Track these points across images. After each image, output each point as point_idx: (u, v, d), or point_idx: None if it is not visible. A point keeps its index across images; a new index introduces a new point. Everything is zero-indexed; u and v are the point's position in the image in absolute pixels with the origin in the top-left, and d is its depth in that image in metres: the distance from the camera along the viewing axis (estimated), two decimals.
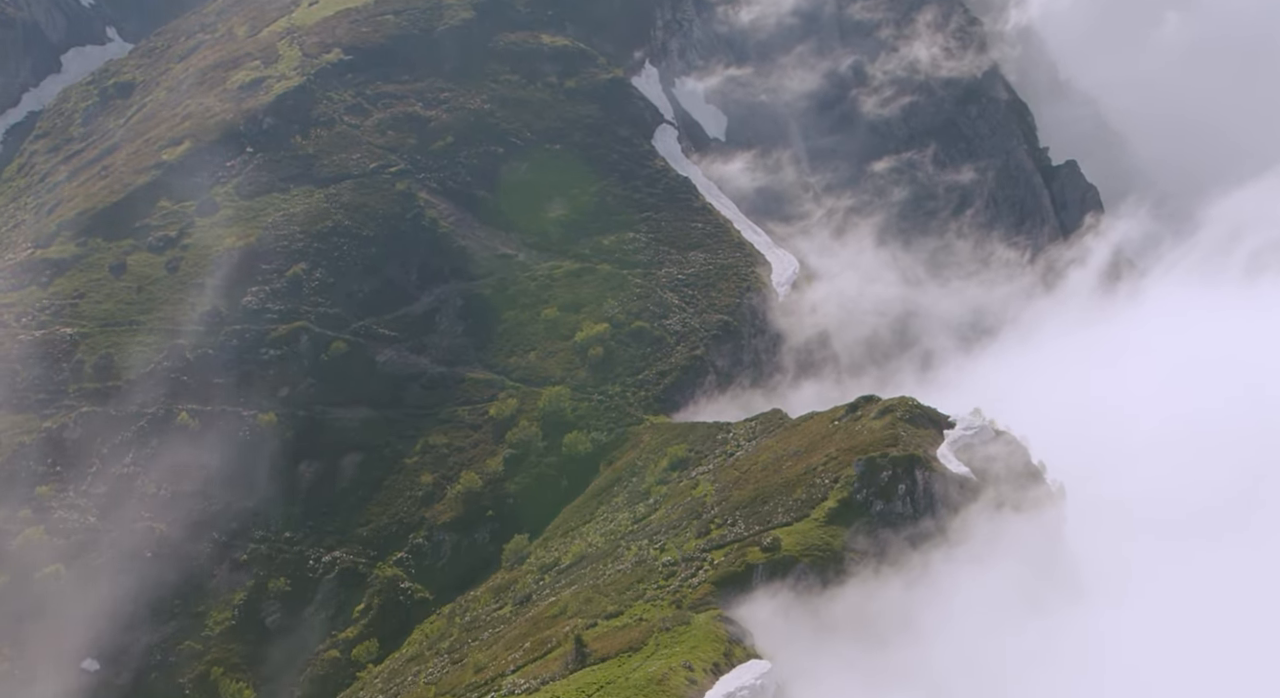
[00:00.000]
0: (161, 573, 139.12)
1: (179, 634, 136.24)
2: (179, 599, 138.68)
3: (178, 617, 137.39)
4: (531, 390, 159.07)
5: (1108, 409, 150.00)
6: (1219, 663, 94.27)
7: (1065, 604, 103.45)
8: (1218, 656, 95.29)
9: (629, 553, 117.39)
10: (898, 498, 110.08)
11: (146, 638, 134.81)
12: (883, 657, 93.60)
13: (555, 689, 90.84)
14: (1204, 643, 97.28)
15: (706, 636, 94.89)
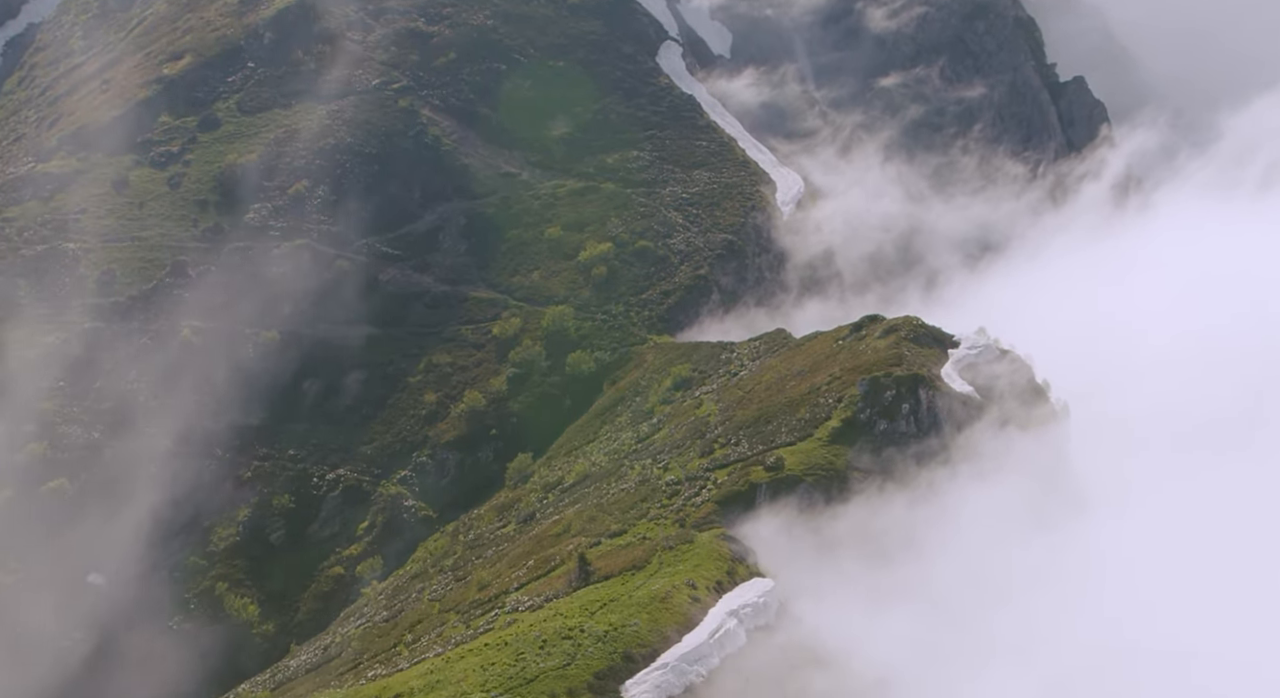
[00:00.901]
0: (166, 489, 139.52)
1: (183, 550, 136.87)
2: (183, 515, 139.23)
3: (182, 533, 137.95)
4: (535, 310, 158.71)
5: (1115, 326, 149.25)
6: (1220, 577, 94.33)
7: (1069, 520, 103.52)
8: (1220, 569, 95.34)
9: (632, 472, 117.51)
10: (901, 417, 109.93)
11: (151, 553, 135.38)
12: (886, 573, 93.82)
13: (559, 607, 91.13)
14: (1206, 557, 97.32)
15: (710, 554, 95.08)
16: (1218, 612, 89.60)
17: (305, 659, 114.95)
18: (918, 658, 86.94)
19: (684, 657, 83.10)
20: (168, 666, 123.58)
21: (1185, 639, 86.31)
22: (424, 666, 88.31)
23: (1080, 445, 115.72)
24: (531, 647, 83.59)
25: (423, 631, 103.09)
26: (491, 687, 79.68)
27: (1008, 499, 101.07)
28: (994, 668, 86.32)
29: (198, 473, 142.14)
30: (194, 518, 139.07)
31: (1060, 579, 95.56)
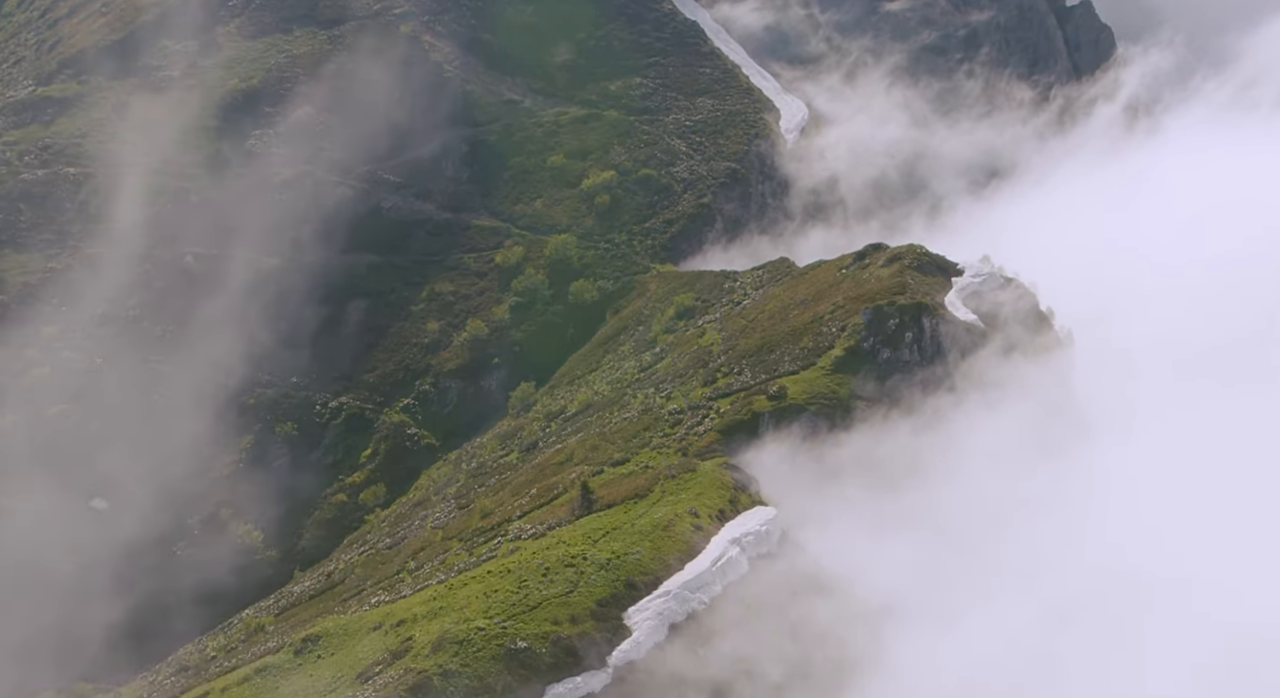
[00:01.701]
0: (169, 416, 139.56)
1: (187, 476, 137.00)
2: (187, 442, 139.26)
3: (186, 459, 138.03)
4: (538, 238, 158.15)
5: (1122, 252, 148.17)
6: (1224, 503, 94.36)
7: (1073, 446, 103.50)
8: (1223, 495, 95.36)
9: (635, 401, 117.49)
10: (905, 346, 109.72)
11: (154, 479, 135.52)
12: (890, 501, 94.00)
13: (561, 535, 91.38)
14: (1210, 483, 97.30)
15: (712, 483, 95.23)
16: (1221, 538, 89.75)
17: (308, 586, 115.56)
18: (921, 584, 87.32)
19: (686, 585, 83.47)
20: (171, 591, 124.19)
21: (1188, 565, 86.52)
22: (427, 592, 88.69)
23: (1085, 373, 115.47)
24: (534, 574, 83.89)
25: (425, 558, 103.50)
26: (494, 614, 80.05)
27: (1012, 426, 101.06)
28: (997, 594, 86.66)
29: (200, 400, 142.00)
30: (197, 444, 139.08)
31: (1064, 506, 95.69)
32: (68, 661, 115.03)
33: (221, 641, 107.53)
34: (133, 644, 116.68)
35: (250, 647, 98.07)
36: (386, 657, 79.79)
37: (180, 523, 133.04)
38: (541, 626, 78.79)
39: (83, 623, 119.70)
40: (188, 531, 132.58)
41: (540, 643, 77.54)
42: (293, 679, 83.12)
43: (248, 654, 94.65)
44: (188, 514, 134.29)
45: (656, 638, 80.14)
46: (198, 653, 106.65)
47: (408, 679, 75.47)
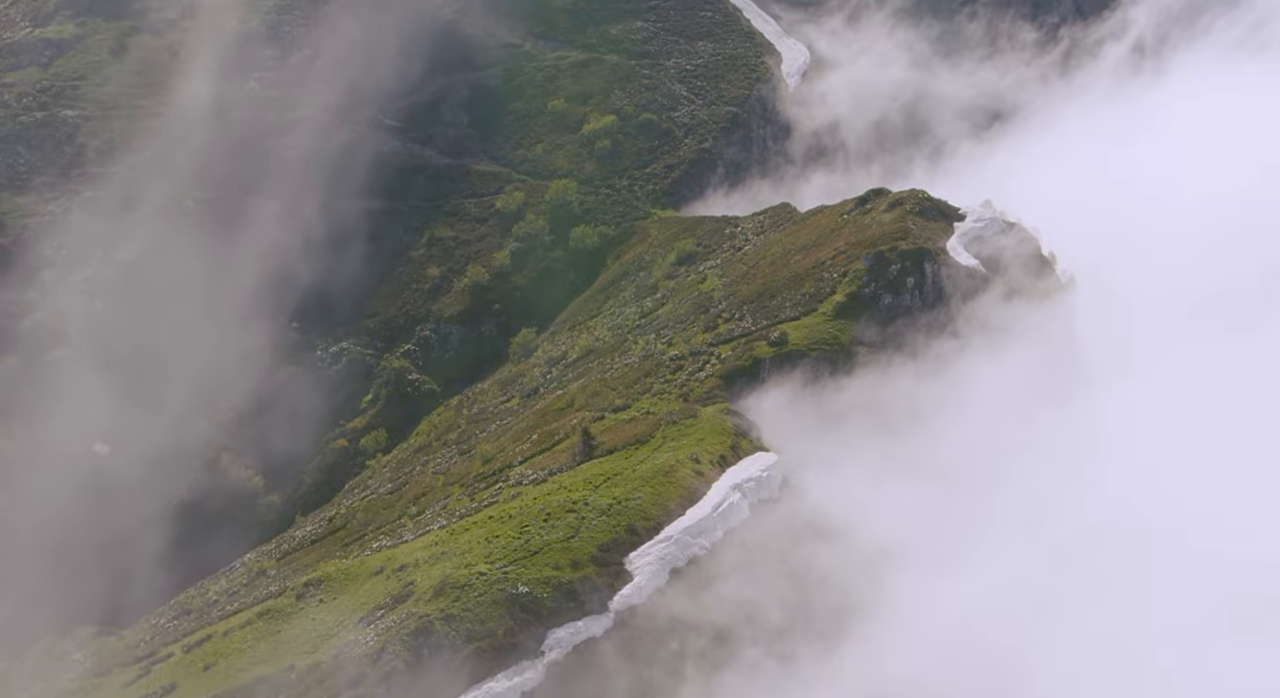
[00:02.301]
0: (171, 361, 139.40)
1: (188, 421, 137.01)
2: (189, 385, 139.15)
3: (187, 403, 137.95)
4: (538, 183, 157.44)
5: (1127, 195, 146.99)
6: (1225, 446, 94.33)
7: (1076, 391, 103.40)
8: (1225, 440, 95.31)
9: (636, 347, 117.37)
10: (906, 291, 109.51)
11: (156, 422, 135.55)
12: (891, 446, 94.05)
13: (563, 480, 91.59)
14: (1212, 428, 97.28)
15: (713, 429, 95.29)
16: (1222, 480, 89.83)
17: (310, 531, 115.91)
18: (923, 528, 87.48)
19: (687, 530, 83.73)
20: (172, 535, 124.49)
21: (1189, 507, 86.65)
22: (428, 538, 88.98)
23: (1088, 317, 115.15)
24: (535, 520, 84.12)
25: (427, 503, 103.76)
26: (496, 559, 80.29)
27: (1014, 371, 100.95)
28: (999, 537, 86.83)
29: (202, 344, 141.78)
30: (198, 388, 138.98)
31: (1066, 449, 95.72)
32: (69, 604, 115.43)
33: (223, 584, 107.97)
34: (135, 588, 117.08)
35: (252, 591, 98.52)
36: (388, 601, 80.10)
37: (181, 468, 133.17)
38: (543, 571, 79.06)
39: (84, 567, 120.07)
40: (189, 475, 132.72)
41: (542, 588, 77.82)
42: (295, 623, 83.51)
43: (250, 598, 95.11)
44: (189, 459, 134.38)
45: (657, 583, 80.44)
46: (200, 597, 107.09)
47: (409, 624, 75.78)
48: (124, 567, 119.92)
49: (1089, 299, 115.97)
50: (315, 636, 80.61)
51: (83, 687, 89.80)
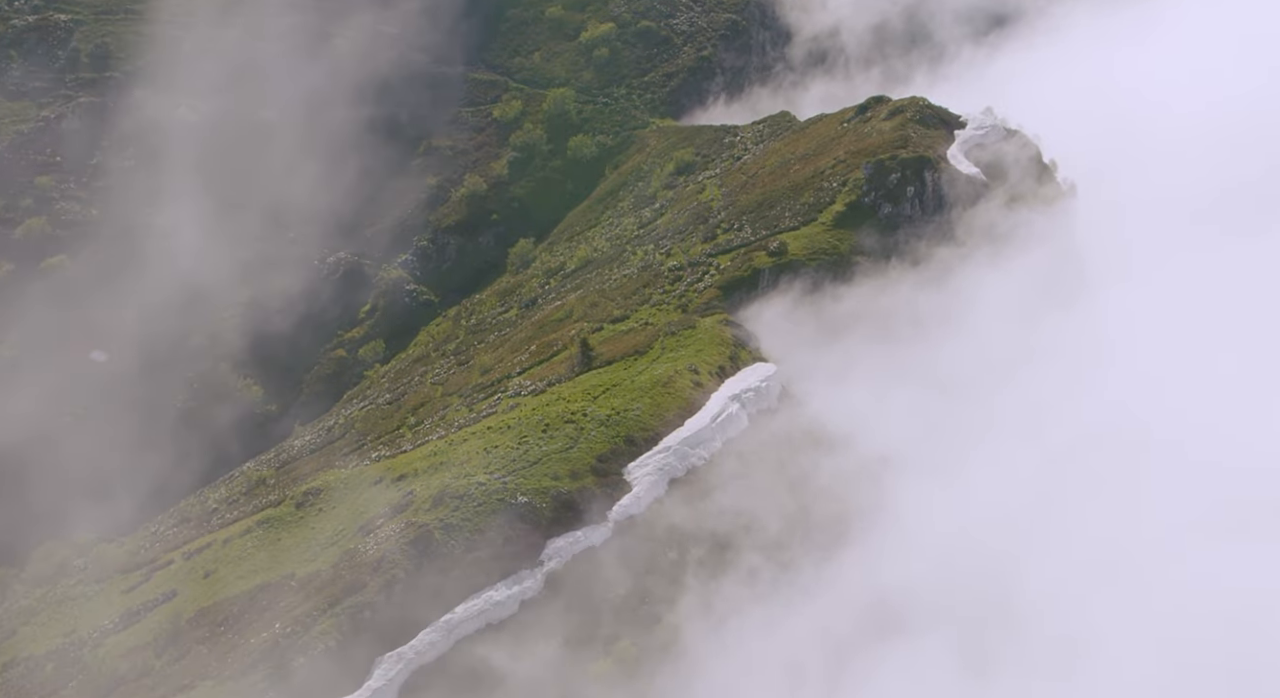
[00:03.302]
0: (167, 268, 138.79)
1: (186, 329, 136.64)
2: (185, 295, 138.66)
3: (184, 312, 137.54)
4: (536, 92, 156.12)
5: (1132, 99, 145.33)
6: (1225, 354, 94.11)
7: (1076, 298, 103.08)
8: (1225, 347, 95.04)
9: (635, 258, 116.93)
10: (906, 200, 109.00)
11: (153, 331, 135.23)
12: (891, 355, 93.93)
13: (561, 391, 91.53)
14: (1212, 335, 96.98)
15: (712, 339, 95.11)
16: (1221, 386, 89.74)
17: (309, 440, 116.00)
18: (921, 437, 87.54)
19: (686, 441, 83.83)
20: (171, 443, 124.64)
21: (1189, 413, 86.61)
22: (427, 448, 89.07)
23: (1090, 223, 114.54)
24: (534, 430, 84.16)
25: (425, 414, 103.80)
26: (495, 469, 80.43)
27: (1015, 278, 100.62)
28: (997, 444, 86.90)
29: (199, 253, 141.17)
30: (196, 297, 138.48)
31: (1067, 356, 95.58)
32: (68, 513, 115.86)
33: (223, 493, 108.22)
34: (134, 496, 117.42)
35: (251, 499, 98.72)
36: (387, 511, 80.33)
37: (178, 375, 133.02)
38: (542, 481, 79.22)
39: (83, 476, 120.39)
40: (187, 384, 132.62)
41: (541, 498, 78.02)
42: (294, 532, 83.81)
43: (249, 507, 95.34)
44: (186, 367, 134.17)
45: (656, 493, 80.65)
46: (199, 505, 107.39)
47: (409, 533, 76.02)
48: (123, 475, 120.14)
49: (1091, 206, 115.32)
50: (315, 545, 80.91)
51: (83, 593, 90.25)
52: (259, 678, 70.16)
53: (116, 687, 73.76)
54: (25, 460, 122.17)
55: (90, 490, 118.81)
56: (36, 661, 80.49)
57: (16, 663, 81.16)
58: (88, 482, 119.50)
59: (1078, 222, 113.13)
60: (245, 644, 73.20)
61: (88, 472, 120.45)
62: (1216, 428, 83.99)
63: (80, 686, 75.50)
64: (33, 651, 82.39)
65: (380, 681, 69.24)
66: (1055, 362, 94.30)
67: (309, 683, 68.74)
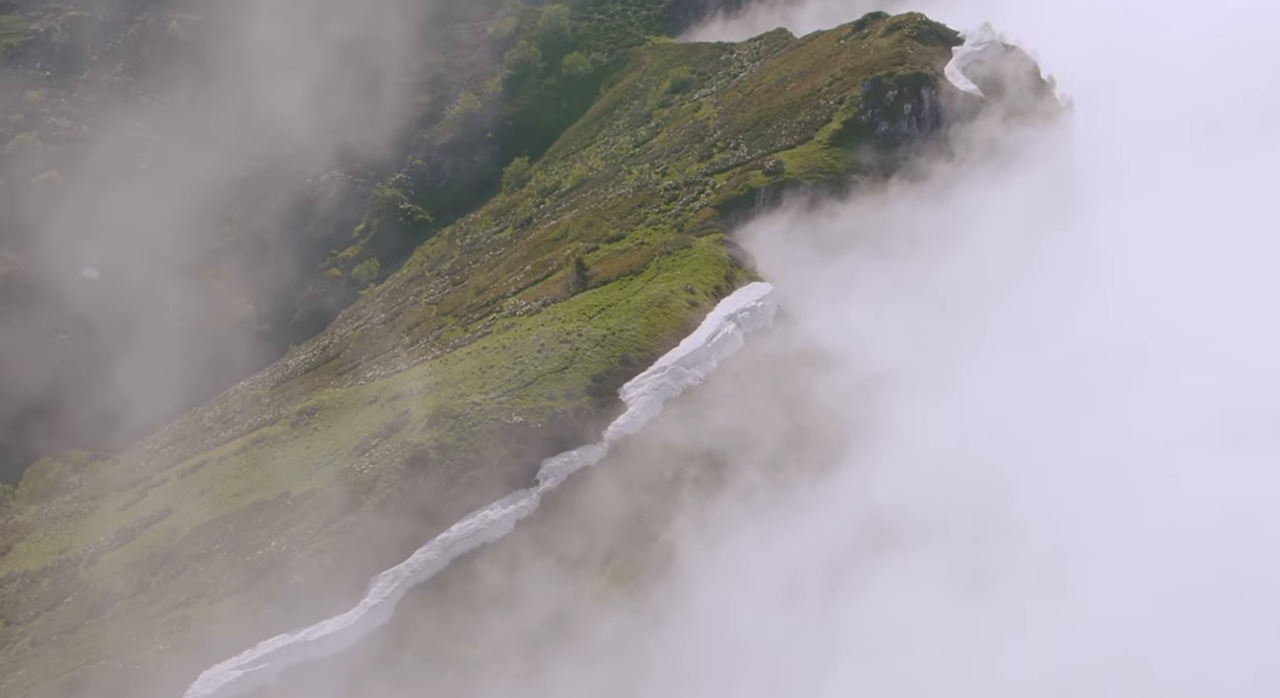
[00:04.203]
0: (158, 185, 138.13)
1: (180, 248, 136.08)
2: (179, 213, 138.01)
3: (178, 231, 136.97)
4: (530, 8, 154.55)
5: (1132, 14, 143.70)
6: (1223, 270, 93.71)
7: (1074, 215, 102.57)
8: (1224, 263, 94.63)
9: (630, 177, 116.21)
10: (903, 118, 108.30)
11: (144, 248, 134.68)
12: (888, 272, 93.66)
13: (557, 311, 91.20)
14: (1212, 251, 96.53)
15: (708, 259, 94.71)
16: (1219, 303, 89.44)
17: (304, 359, 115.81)
18: (918, 354, 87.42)
19: (681, 361, 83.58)
20: (164, 362, 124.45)
21: (1184, 332, 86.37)
22: (422, 368, 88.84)
23: (1088, 140, 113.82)
24: (529, 350, 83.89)
25: (420, 333, 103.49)
26: (490, 389, 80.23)
27: (1012, 195, 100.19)
28: (993, 361, 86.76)
29: (191, 171, 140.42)
30: (190, 215, 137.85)
31: (1064, 273, 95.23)
32: (63, 429, 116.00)
33: (218, 411, 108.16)
34: (129, 413, 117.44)
35: (246, 418, 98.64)
36: (382, 430, 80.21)
37: (173, 295, 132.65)
38: (537, 401, 79.05)
39: (78, 392, 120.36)
40: (181, 302, 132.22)
41: (536, 418, 77.88)
42: (289, 451, 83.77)
43: (244, 426, 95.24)
44: (181, 286, 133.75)
45: (652, 413, 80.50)
46: (194, 423, 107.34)
47: (404, 453, 75.98)
48: (118, 392, 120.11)
49: (1089, 122, 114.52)
50: (310, 464, 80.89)
51: (78, 510, 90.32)
52: (255, 595, 70.37)
53: (113, 603, 73.97)
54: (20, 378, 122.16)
55: (86, 407, 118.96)
56: (32, 577, 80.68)
57: (12, 579, 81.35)
58: (83, 400, 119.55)
59: (1076, 138, 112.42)
60: (241, 562, 73.34)
61: (83, 389, 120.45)
62: (1213, 344, 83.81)
63: (76, 602, 75.71)
64: (28, 567, 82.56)
65: (376, 599, 69.41)
66: (1053, 278, 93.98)
67: (305, 601, 68.96)
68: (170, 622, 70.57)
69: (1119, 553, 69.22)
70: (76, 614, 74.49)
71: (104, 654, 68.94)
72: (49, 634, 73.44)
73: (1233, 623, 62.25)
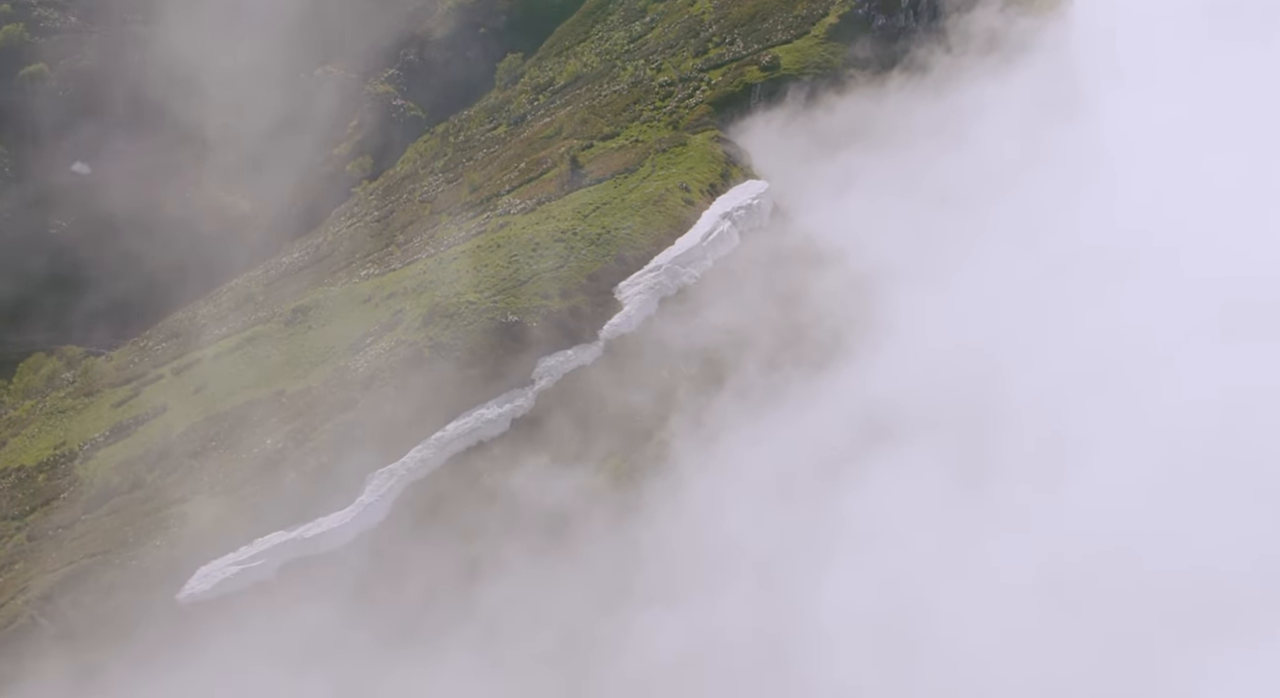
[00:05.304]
0: (150, 80, 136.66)
1: (170, 145, 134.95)
2: (170, 108, 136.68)
3: (170, 126, 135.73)
4: None
5: None
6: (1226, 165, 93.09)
7: (1076, 108, 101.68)
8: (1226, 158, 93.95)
9: (625, 73, 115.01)
10: (901, 10, 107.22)
11: (137, 144, 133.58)
12: (885, 167, 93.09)
13: (551, 210, 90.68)
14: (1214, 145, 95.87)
15: (703, 156, 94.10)
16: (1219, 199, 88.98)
17: (297, 257, 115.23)
18: (916, 249, 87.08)
19: (677, 259, 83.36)
20: (158, 258, 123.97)
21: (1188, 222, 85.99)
22: (417, 266, 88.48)
23: (1090, 30, 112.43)
24: (524, 249, 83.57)
25: (415, 232, 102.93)
26: (484, 288, 79.99)
27: (1012, 88, 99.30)
28: (992, 254, 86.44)
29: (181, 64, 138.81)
30: (182, 108, 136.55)
31: (1065, 167, 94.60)
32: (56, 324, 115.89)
33: (212, 309, 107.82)
34: (121, 310, 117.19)
35: (240, 316, 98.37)
36: (377, 329, 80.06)
37: (165, 190, 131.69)
38: (532, 300, 78.87)
39: (71, 288, 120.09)
40: (172, 197, 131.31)
41: (531, 317, 77.74)
42: (284, 349, 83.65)
43: (238, 323, 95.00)
44: (172, 181, 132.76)
45: (647, 311, 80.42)
46: (188, 321, 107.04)
47: (400, 351, 75.92)
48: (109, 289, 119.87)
49: (1090, 11, 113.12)
50: (305, 362, 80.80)
51: (73, 406, 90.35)
52: (251, 493, 70.62)
53: (108, 499, 74.21)
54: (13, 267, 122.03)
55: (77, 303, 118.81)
56: (27, 472, 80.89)
57: (7, 474, 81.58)
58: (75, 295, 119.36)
59: (1077, 28, 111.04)
60: (237, 460, 73.51)
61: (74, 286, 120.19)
62: (1214, 238, 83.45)
63: (71, 497, 75.99)
64: (23, 462, 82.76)
65: (372, 496, 69.69)
66: (1054, 171, 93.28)
67: (301, 498, 69.23)
68: (167, 518, 70.87)
69: (1116, 445, 69.40)
70: (73, 510, 74.76)
71: (100, 550, 69.27)
72: (45, 529, 73.74)
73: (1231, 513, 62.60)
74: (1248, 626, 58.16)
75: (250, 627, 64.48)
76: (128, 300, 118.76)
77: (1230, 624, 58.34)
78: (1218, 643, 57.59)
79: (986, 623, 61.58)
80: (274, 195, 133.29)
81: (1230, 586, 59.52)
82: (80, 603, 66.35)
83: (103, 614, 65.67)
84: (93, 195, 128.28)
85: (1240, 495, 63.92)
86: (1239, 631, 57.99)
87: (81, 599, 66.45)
